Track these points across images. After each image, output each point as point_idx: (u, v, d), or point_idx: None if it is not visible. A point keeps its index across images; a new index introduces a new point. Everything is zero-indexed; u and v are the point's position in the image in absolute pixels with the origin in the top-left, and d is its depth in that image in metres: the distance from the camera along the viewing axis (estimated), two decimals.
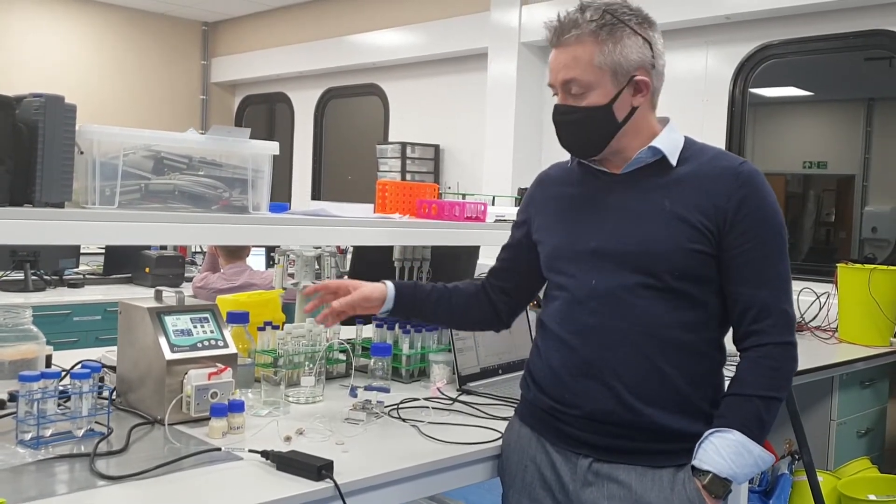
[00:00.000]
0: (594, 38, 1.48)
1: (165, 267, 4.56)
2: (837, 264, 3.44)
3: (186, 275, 4.69)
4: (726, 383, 1.56)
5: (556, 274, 1.63)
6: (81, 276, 4.65)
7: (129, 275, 4.73)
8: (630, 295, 1.50)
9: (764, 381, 1.47)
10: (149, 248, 4.62)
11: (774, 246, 1.49)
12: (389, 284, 1.76)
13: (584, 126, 1.54)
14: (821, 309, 3.51)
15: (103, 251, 4.89)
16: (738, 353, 1.53)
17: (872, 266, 3.36)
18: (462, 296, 1.80)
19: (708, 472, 1.45)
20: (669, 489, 1.48)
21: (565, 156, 1.68)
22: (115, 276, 4.75)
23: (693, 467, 1.48)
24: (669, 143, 1.54)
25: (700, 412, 1.51)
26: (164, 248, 4.69)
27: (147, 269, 4.54)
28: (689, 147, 1.57)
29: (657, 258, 1.48)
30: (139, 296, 2.58)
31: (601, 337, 1.52)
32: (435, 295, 1.78)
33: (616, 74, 1.50)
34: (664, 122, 1.59)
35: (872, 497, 2.97)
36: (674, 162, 1.53)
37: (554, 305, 1.62)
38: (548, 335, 1.62)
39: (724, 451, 1.45)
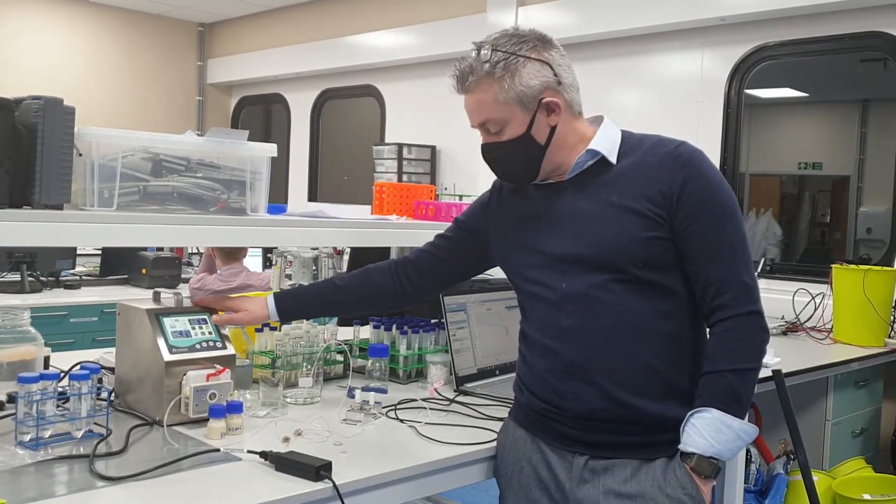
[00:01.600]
0: (490, 78, 1.53)
1: (162, 268, 4.56)
2: (832, 265, 3.46)
3: (183, 276, 4.69)
4: None
5: (528, 284, 1.65)
6: (78, 278, 4.65)
7: (126, 276, 4.73)
8: (602, 292, 1.52)
9: (733, 355, 1.49)
10: (145, 249, 4.62)
11: (724, 220, 1.50)
12: (270, 306, 1.85)
13: (510, 158, 1.58)
14: (816, 309, 3.53)
15: (100, 252, 4.89)
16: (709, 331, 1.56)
17: (867, 267, 3.38)
18: (352, 290, 1.89)
19: (693, 453, 1.48)
20: (662, 477, 1.51)
21: None
22: (111, 277, 4.75)
23: (680, 451, 1.50)
24: (606, 143, 1.58)
25: (690, 398, 1.53)
26: (160, 249, 4.69)
27: (144, 271, 4.54)
28: (627, 140, 1.60)
29: (618, 253, 1.51)
30: (136, 297, 2.58)
31: (582, 338, 1.54)
32: (319, 302, 1.89)
33: (523, 104, 1.53)
34: (598, 121, 1.62)
35: (867, 496, 2.99)
36: (613, 159, 1.56)
37: (531, 314, 1.65)
38: (530, 343, 1.65)
39: (704, 430, 1.47)
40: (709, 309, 1.53)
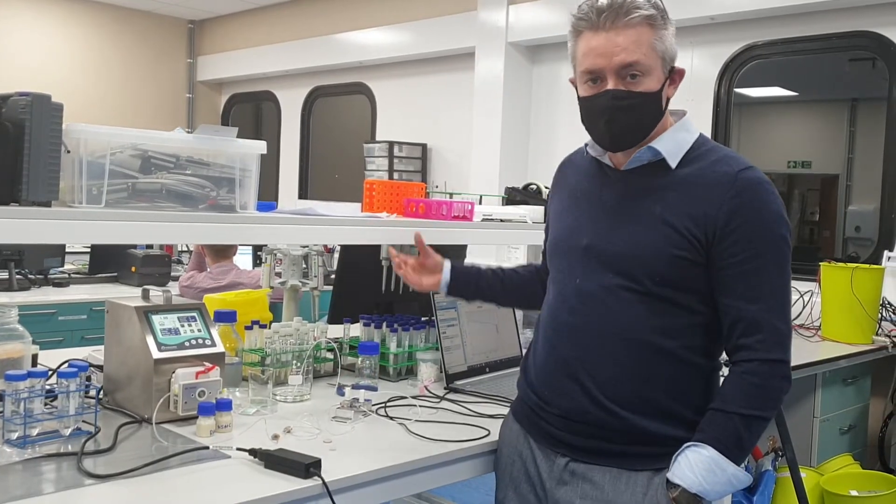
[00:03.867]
0: (653, 22, 1.45)
1: (151, 266, 4.54)
2: (821, 263, 3.48)
3: (172, 274, 4.67)
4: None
5: (552, 268, 1.65)
6: (66, 276, 4.63)
7: (115, 274, 4.71)
8: (609, 296, 1.49)
9: (746, 400, 1.43)
10: (135, 246, 4.60)
11: (770, 258, 1.43)
12: (445, 272, 1.89)
13: (638, 112, 1.48)
14: (804, 307, 3.55)
15: (88, 250, 4.86)
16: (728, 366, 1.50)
17: (855, 265, 3.40)
18: (514, 280, 1.91)
19: (678, 485, 1.43)
20: (642, 494, 1.48)
21: (552, 154, 1.69)
22: (100, 275, 4.73)
23: (667, 479, 1.46)
24: (672, 144, 1.51)
25: (678, 417, 1.49)
26: (150, 246, 4.67)
27: (133, 269, 4.52)
28: (699, 147, 1.52)
29: (639, 262, 1.47)
30: (125, 295, 2.57)
31: (577, 336, 1.53)
32: (495, 283, 1.91)
33: (664, 62, 1.48)
34: (679, 115, 1.56)
35: (854, 493, 3.01)
36: (673, 164, 1.50)
37: (547, 301, 1.65)
38: (538, 331, 1.65)
39: (696, 466, 1.42)
40: (733, 346, 1.46)
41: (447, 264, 1.91)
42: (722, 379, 1.52)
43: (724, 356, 1.55)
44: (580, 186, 1.63)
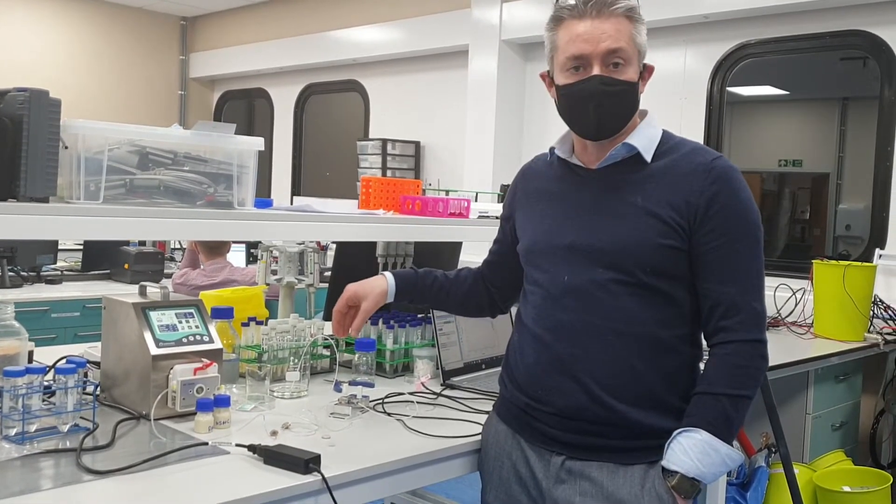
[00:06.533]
0: (632, 16, 1.52)
1: (145, 263, 4.53)
2: (813, 261, 3.50)
3: (166, 271, 4.67)
4: None
5: (533, 269, 1.64)
6: (59, 273, 4.62)
7: (108, 271, 4.70)
8: (602, 291, 1.51)
9: (731, 380, 1.47)
10: (127, 243, 4.59)
11: (745, 243, 1.49)
12: (390, 282, 1.79)
13: (623, 100, 1.52)
14: (797, 305, 3.57)
15: (81, 247, 4.85)
16: (708, 350, 1.53)
17: (847, 262, 3.42)
18: (461, 286, 1.86)
19: (676, 472, 1.45)
20: (640, 486, 1.49)
21: (547, 150, 1.70)
22: (93, 272, 4.71)
23: (663, 467, 1.48)
24: (644, 139, 1.55)
25: (673, 408, 1.51)
26: (142, 243, 4.67)
27: (126, 266, 4.51)
28: (666, 141, 1.57)
29: (629, 254, 1.49)
30: (118, 292, 2.56)
31: (573, 333, 1.53)
32: (435, 288, 1.84)
33: (640, 55, 1.54)
34: (643, 114, 1.60)
35: (847, 489, 3.03)
36: (648, 158, 1.54)
37: (530, 301, 1.64)
38: (524, 331, 1.64)
39: (690, 451, 1.44)
40: (713, 329, 1.50)
41: (390, 281, 1.80)
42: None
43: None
44: (550, 190, 1.65)
